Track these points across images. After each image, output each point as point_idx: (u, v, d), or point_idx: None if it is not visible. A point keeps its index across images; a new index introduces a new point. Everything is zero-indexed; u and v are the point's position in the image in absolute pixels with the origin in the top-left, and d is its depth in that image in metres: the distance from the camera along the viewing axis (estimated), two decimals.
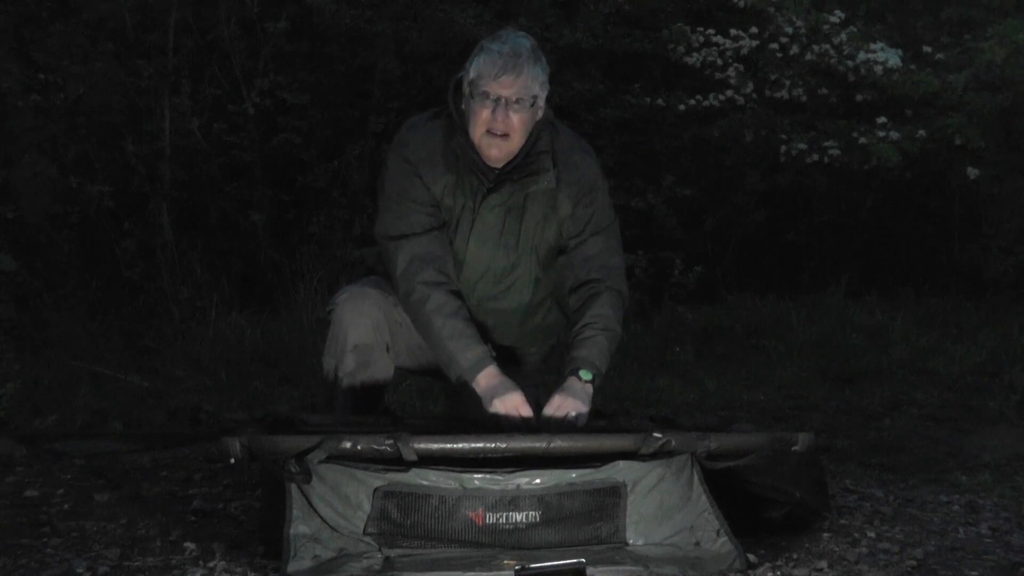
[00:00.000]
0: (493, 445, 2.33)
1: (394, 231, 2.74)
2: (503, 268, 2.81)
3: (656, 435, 2.37)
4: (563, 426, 2.56)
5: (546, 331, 2.97)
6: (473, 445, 2.32)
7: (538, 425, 2.58)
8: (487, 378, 2.63)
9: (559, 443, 2.35)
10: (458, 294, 2.73)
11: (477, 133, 2.67)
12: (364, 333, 2.82)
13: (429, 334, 2.69)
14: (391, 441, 2.27)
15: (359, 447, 2.28)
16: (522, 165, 2.72)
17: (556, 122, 2.83)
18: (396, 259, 2.72)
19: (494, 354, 2.72)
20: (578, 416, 2.60)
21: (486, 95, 2.62)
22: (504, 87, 2.61)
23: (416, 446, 2.28)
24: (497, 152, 2.68)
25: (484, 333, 2.78)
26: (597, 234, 2.80)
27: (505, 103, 2.62)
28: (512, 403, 2.60)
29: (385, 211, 2.77)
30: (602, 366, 2.70)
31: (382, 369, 2.86)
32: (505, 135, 2.66)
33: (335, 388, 2.86)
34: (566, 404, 2.60)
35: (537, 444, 2.34)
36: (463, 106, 2.70)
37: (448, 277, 2.72)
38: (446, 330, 2.65)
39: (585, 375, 2.66)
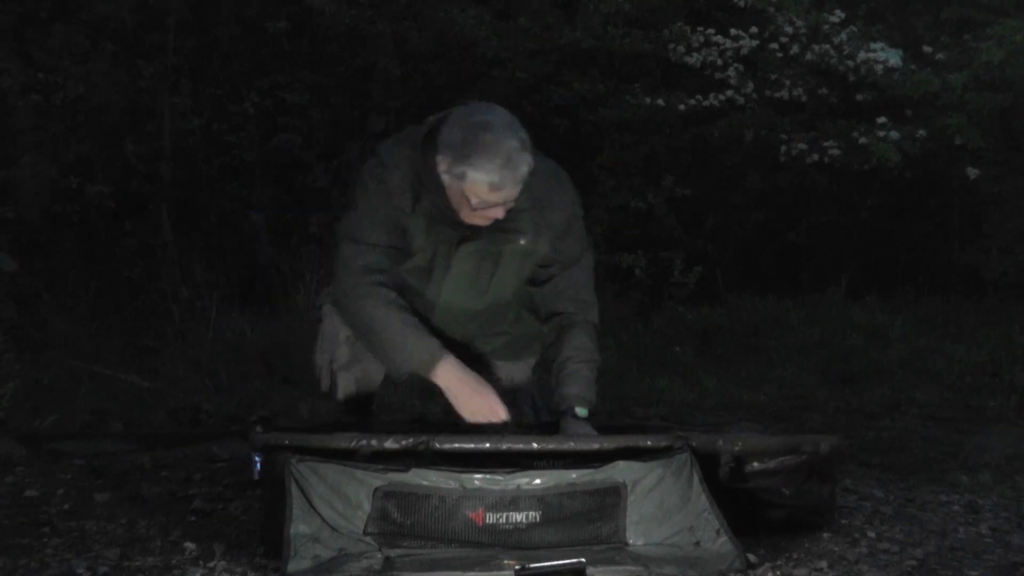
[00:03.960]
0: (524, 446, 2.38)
1: (358, 235, 2.63)
2: (477, 308, 2.73)
3: (680, 434, 2.45)
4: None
5: (529, 338, 2.88)
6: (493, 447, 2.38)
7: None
8: (451, 371, 2.57)
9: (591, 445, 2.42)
10: (402, 300, 2.63)
11: (458, 211, 2.55)
12: None
13: (373, 327, 2.59)
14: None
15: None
16: (500, 222, 2.58)
17: (534, 156, 2.66)
18: (349, 258, 2.63)
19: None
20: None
21: (470, 200, 2.48)
22: (493, 197, 2.48)
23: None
24: (480, 223, 2.58)
25: (470, 348, 2.77)
26: (569, 268, 2.73)
27: (490, 205, 2.50)
28: (489, 403, 2.56)
29: (354, 216, 2.66)
30: (592, 398, 2.68)
31: (375, 363, 2.76)
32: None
33: (329, 381, 2.82)
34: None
35: (564, 447, 2.41)
36: (440, 170, 2.51)
37: (395, 290, 2.62)
38: (397, 322, 2.56)
39: (581, 412, 2.65)
